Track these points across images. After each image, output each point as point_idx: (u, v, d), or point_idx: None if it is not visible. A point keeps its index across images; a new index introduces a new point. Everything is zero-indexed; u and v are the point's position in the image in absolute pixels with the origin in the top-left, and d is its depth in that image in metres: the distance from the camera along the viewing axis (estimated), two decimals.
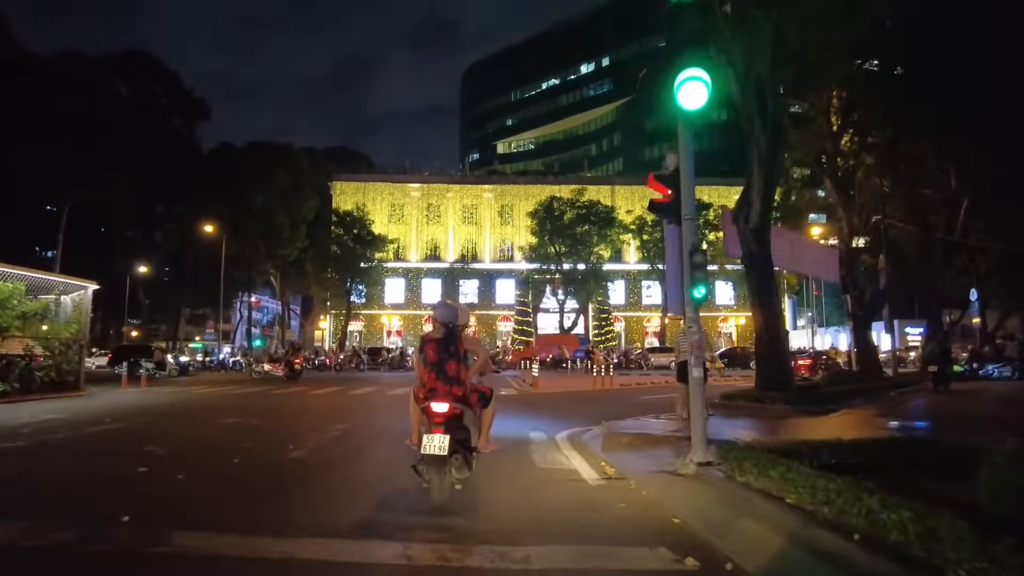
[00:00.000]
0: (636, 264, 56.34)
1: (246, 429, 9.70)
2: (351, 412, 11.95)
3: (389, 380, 24.21)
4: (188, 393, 17.18)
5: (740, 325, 56.78)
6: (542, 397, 15.71)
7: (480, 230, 57.31)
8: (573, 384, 20.45)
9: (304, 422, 10.74)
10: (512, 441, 8.24)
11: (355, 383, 21.53)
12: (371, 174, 58.33)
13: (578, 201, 45.28)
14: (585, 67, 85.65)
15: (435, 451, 4.72)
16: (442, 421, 4.85)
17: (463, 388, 5.11)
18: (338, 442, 8.41)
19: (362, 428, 9.80)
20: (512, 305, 55.13)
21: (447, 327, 5.24)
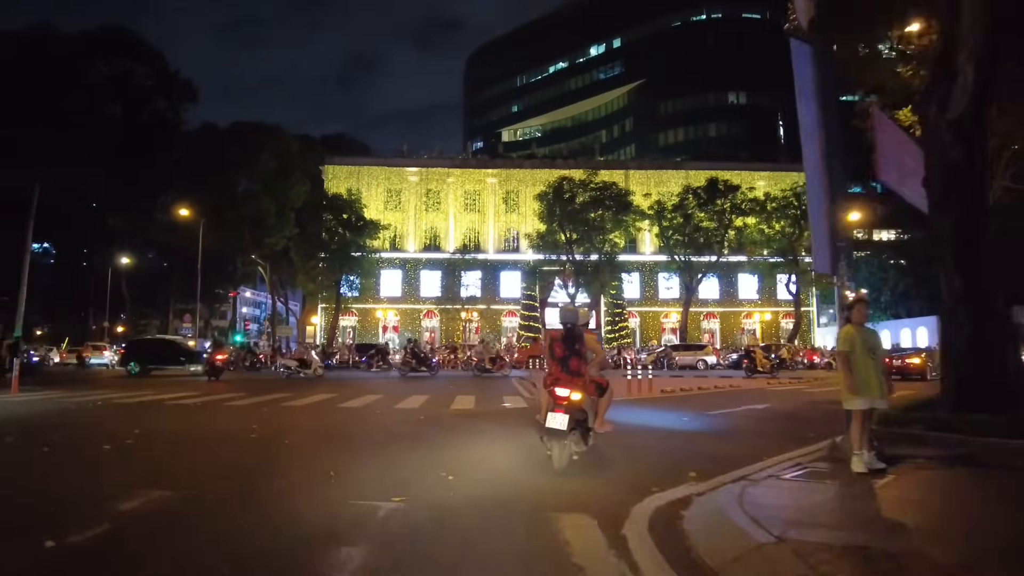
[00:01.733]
0: (652, 255, 51.97)
1: None
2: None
3: (375, 383, 19.80)
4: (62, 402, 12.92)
5: (765, 321, 52.33)
6: None
7: (483, 218, 53.01)
8: None
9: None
10: (509, 530, 4.09)
11: (307, 391, 17.31)
12: (366, 157, 54.00)
13: (591, 182, 40.85)
14: (595, 49, 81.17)
15: (556, 425, 5.85)
16: (563, 403, 5.90)
17: (582, 379, 6.06)
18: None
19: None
20: (518, 299, 50.82)
21: (569, 327, 6.23)
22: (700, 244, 41.60)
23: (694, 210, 41.39)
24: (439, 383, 20.01)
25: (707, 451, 7.03)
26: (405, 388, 16.77)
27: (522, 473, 5.90)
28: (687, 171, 51.56)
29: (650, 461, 6.56)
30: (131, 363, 25.42)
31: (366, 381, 20.79)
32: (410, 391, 15.17)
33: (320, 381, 20.59)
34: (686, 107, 71.91)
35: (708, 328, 52.35)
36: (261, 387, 17.01)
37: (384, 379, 22.70)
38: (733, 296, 53.07)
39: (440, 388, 16.48)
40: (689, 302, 43.51)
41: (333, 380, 21.79)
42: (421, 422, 9.15)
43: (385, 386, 17.64)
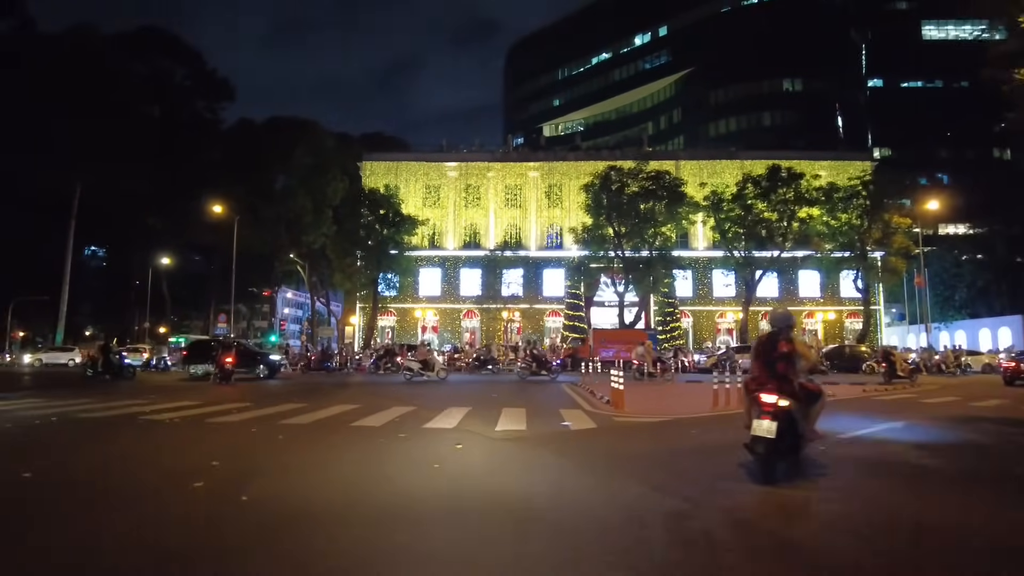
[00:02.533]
0: (706, 251, 48.85)
1: None
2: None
3: (407, 391, 17.67)
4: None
5: (828, 321, 48.61)
6: (670, 443, 7.92)
7: (524, 213, 50.69)
8: (680, 405, 12.46)
9: None
10: None
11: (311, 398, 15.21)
12: (404, 153, 52.27)
13: (642, 171, 38.08)
14: (640, 38, 78.08)
15: (763, 433, 5.52)
16: (770, 410, 5.58)
17: (790, 384, 5.69)
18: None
19: None
20: (561, 298, 48.34)
21: (779, 331, 5.96)
22: (761, 237, 38.35)
23: (754, 200, 38.19)
24: (480, 387, 17.86)
25: None
26: (439, 396, 14.59)
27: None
28: (742, 161, 48.32)
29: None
30: (192, 365, 24.12)
31: (397, 388, 18.70)
32: (446, 401, 12.94)
33: (428, 385, 18.81)
34: (738, 95, 68.27)
35: (766, 328, 48.84)
36: (279, 395, 15.02)
37: (419, 384, 20.58)
38: (793, 294, 49.45)
39: (481, 397, 14.21)
40: (750, 300, 40.27)
41: (365, 385, 19.80)
42: (459, 459, 6.66)
43: (419, 394, 15.49)
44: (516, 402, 12.54)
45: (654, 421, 9.92)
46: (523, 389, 17.46)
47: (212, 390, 16.66)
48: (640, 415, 10.43)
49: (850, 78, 71.04)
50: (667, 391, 16.89)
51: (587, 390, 15.44)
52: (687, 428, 9.13)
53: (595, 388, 15.20)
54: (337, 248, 40.32)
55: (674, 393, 16.20)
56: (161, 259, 58.05)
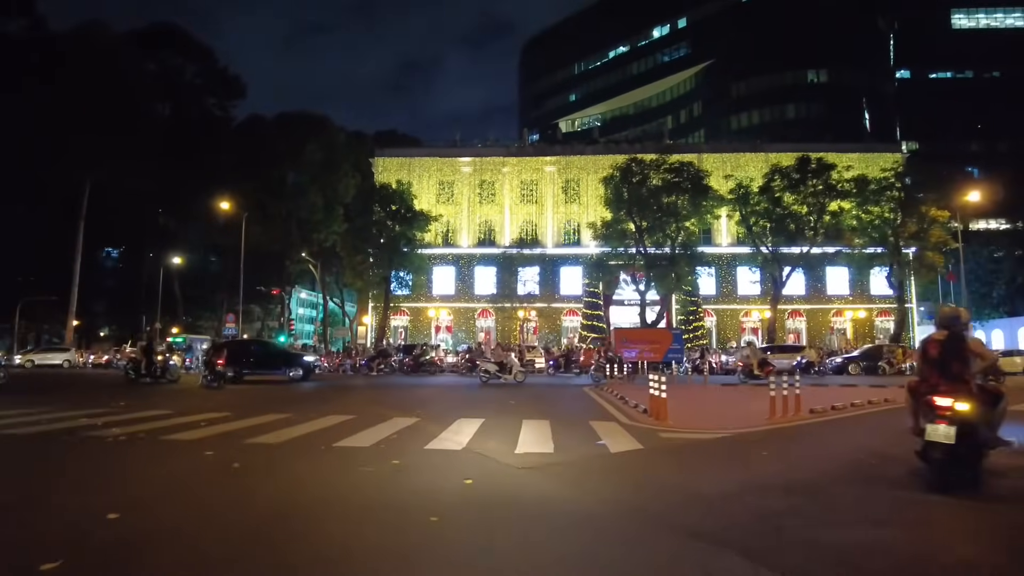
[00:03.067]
0: (729, 247, 47.02)
1: None
2: None
3: (414, 395, 16.29)
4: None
5: (858, 319, 46.54)
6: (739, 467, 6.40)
7: (541, 210, 49.15)
8: (731, 415, 10.73)
9: None
10: None
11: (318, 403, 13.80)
12: (417, 148, 50.92)
13: (665, 162, 36.37)
14: (658, 30, 76.19)
15: (940, 439, 5.12)
16: (946, 413, 5.16)
17: (967, 386, 5.28)
18: None
19: None
20: (579, 296, 46.76)
21: (949, 330, 5.56)
22: (790, 232, 36.48)
23: (782, 192, 36.34)
24: (497, 393, 16.38)
25: None
26: (451, 403, 13.14)
27: None
28: (767, 153, 46.43)
29: None
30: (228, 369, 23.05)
31: (407, 391, 17.30)
32: (458, 409, 11.47)
33: (446, 388, 17.31)
34: (760, 88, 66.11)
35: (793, 328, 47.02)
36: (276, 401, 13.63)
37: (428, 385, 19.13)
38: (821, 292, 47.47)
39: (498, 404, 12.69)
40: (777, 298, 38.42)
41: (373, 388, 18.43)
42: (466, 509, 4.74)
43: (431, 400, 14.06)
44: (537, 411, 10.99)
45: (708, 438, 8.30)
46: (543, 395, 15.95)
47: (203, 396, 15.31)
48: (688, 429, 8.82)
49: (877, 69, 68.65)
50: (708, 397, 15.28)
51: (616, 395, 13.89)
52: (752, 447, 7.55)
53: (626, 393, 13.65)
54: (348, 245, 39.10)
55: (715, 399, 14.60)
56: (173, 259, 57.23)
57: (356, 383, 21.82)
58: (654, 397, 9.87)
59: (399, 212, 38.48)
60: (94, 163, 46.96)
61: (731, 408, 12.17)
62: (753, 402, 12.14)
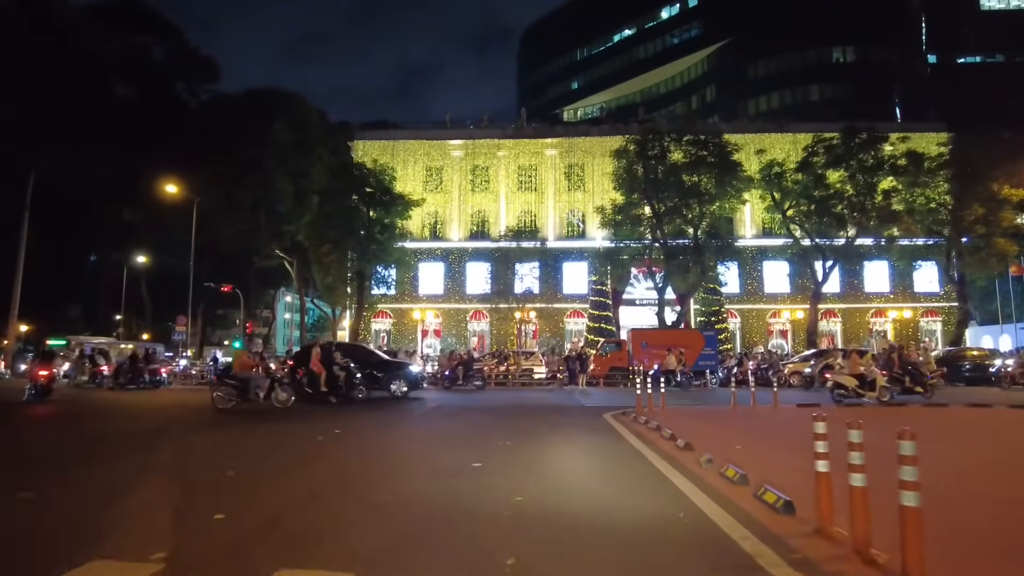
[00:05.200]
0: (754, 239, 41.46)
1: None
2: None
3: (360, 422, 10.92)
4: None
5: (903, 320, 40.88)
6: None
7: (541, 198, 43.63)
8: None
9: None
10: None
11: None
12: (402, 130, 45.42)
13: (686, 133, 30.87)
14: (667, 10, 70.73)
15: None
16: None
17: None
18: None
19: None
20: (584, 295, 41.22)
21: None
22: (838, 215, 30.83)
23: (825, 169, 30.82)
24: (485, 416, 10.95)
25: None
26: (411, 436, 7.68)
27: None
28: (795, 134, 40.97)
29: None
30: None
31: (352, 416, 11.80)
32: (422, 446, 5.99)
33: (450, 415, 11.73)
34: (781, 68, 60.53)
35: (827, 330, 41.31)
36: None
37: (373, 410, 13.61)
38: (858, 290, 41.87)
39: (485, 436, 7.25)
40: (818, 296, 32.84)
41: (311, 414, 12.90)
42: None
43: (378, 433, 8.59)
44: (550, 453, 5.65)
45: None
46: (550, 423, 10.48)
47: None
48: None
49: (909, 46, 63.16)
50: (769, 427, 9.64)
51: (658, 432, 8.31)
52: None
53: (679, 431, 8.04)
54: (312, 234, 33.48)
55: (781, 431, 9.00)
56: (138, 257, 51.75)
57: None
58: (821, 477, 4.08)
59: (375, 195, 32.96)
60: (39, 148, 41.59)
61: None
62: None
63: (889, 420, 10.39)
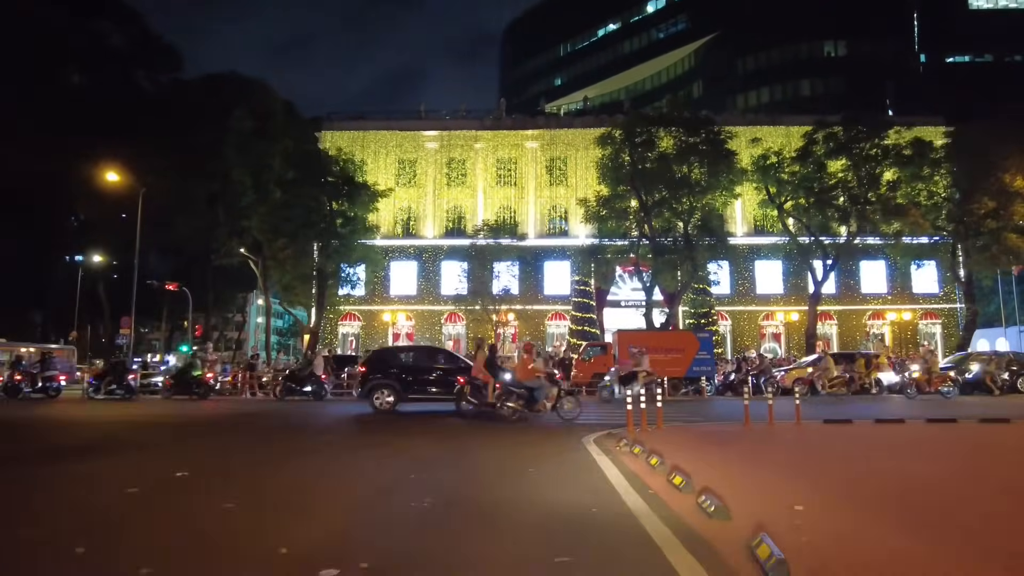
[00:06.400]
0: (746, 237, 39.19)
1: None
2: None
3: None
4: None
5: (902, 322, 38.76)
6: None
7: (521, 193, 41.05)
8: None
9: None
10: None
11: None
12: (373, 120, 42.57)
13: (676, 117, 28.50)
14: (652, 4, 68.61)
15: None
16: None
17: None
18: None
19: None
20: (566, 296, 38.71)
21: None
22: (841, 207, 28.56)
23: (827, 158, 28.56)
24: (431, 447, 8.27)
25: None
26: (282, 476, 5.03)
27: None
28: (788, 127, 38.89)
29: None
30: (371, 389, 15.20)
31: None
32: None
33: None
34: (771, 62, 58.53)
35: (822, 333, 38.98)
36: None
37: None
38: (854, 291, 39.75)
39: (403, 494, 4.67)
40: (818, 296, 30.48)
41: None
42: None
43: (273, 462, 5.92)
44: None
45: None
46: (492, 461, 7.84)
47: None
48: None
49: (901, 42, 61.51)
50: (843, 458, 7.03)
51: (665, 477, 5.65)
52: None
53: (694, 471, 5.38)
54: (266, 227, 30.54)
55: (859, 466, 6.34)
56: (92, 256, 48.51)
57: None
58: None
59: (337, 185, 30.13)
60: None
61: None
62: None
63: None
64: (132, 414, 14.77)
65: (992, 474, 6.21)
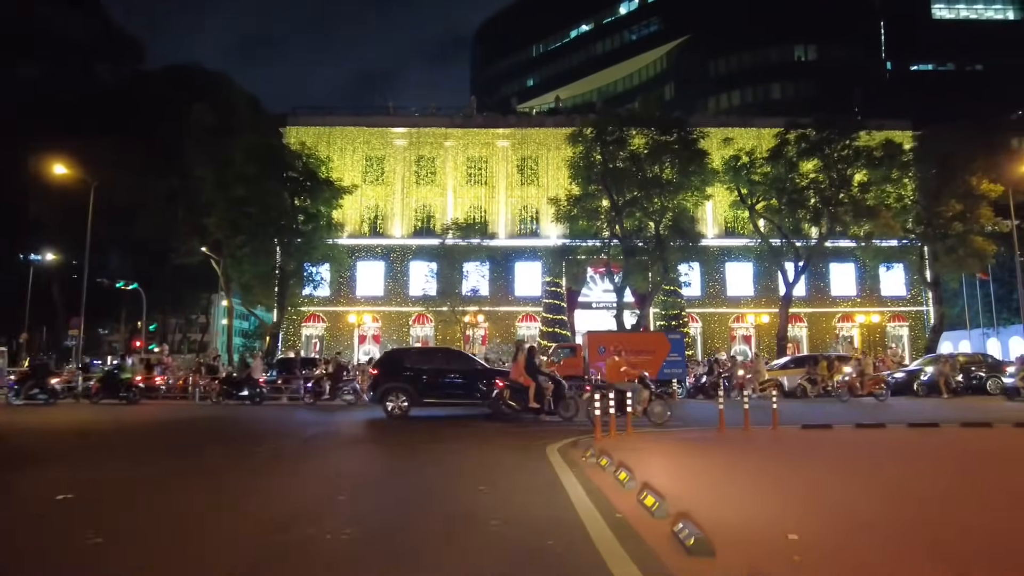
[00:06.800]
0: (716, 239, 38.97)
1: None
2: None
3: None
4: None
5: (871, 324, 38.89)
6: None
7: (491, 192, 40.30)
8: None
9: None
10: None
11: None
12: (339, 115, 41.38)
13: (649, 116, 28.09)
14: (625, 5, 68.52)
15: None
16: None
17: None
18: None
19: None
20: (537, 298, 38.06)
21: None
22: (813, 208, 28.44)
23: (798, 158, 28.39)
24: (317, 468, 7.50)
25: None
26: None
27: None
28: (759, 129, 38.77)
29: None
30: (384, 392, 14.28)
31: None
32: None
33: None
34: (742, 65, 58.79)
35: (792, 336, 38.95)
36: None
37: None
38: (824, 293, 39.80)
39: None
40: (789, 298, 30.32)
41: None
42: None
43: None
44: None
45: None
46: (439, 480, 7.09)
47: None
48: None
49: (870, 48, 62.31)
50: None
51: (637, 497, 4.93)
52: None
53: (669, 490, 4.65)
54: (224, 224, 29.29)
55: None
56: (47, 255, 46.26)
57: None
58: None
59: (298, 180, 29.02)
60: None
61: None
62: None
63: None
64: (47, 420, 13.64)
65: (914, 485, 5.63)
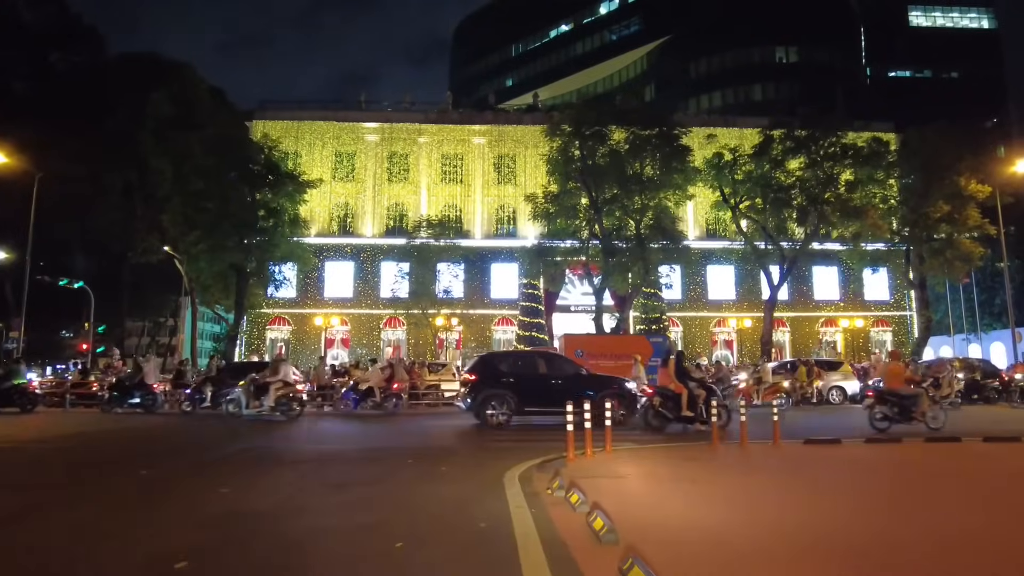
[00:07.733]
0: (697, 241, 37.90)
1: None
2: None
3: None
4: None
5: (854, 329, 38.14)
6: None
7: (467, 191, 38.88)
8: None
9: None
10: None
11: None
12: (308, 110, 39.66)
13: (629, 111, 26.94)
14: (605, 5, 67.71)
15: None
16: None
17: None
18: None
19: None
20: (514, 301, 36.67)
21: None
22: (799, 206, 27.43)
23: (785, 157, 27.42)
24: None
25: None
26: None
27: None
28: (741, 129, 37.87)
29: None
30: (484, 400, 13.02)
31: None
32: None
33: None
34: (724, 67, 58.25)
35: (775, 340, 38.06)
36: None
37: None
38: (807, 297, 38.98)
39: None
40: (774, 300, 29.29)
41: None
42: None
43: None
44: None
45: None
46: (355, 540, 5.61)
47: None
48: None
49: (851, 52, 62.26)
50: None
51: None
52: None
53: (666, 542, 3.34)
54: (178, 219, 27.45)
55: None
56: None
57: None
58: None
59: (260, 174, 27.32)
60: None
61: None
62: None
63: None
64: None
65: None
